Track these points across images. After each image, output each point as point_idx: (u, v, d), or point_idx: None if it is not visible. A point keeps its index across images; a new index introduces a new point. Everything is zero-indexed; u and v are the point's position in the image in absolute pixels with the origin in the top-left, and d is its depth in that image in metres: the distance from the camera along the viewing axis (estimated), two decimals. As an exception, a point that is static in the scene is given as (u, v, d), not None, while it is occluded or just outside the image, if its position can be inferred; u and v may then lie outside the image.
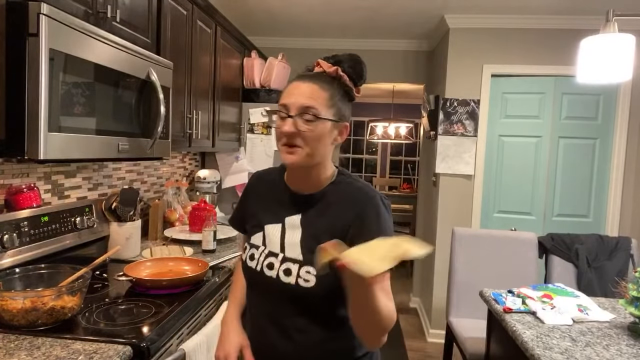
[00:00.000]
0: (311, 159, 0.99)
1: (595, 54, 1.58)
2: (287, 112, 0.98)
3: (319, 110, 0.97)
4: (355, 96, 1.05)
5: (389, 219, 1.00)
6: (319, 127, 0.97)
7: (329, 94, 0.99)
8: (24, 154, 1.14)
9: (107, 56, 1.38)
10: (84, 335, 1.17)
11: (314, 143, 0.98)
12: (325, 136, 0.99)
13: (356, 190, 1.02)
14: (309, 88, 0.98)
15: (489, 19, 3.18)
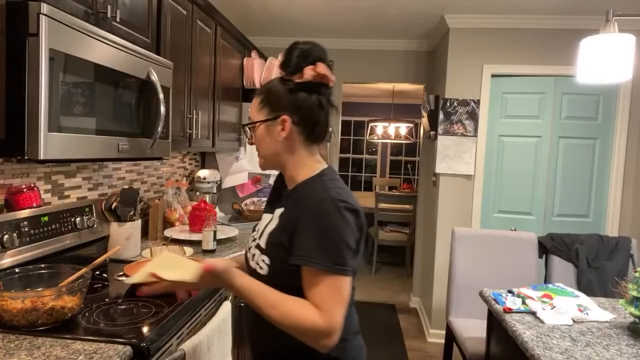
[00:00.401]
0: (266, 162, 1.09)
1: (595, 54, 1.58)
2: None
3: (252, 119, 1.06)
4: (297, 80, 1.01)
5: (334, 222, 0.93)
6: (256, 132, 1.06)
7: (261, 97, 1.06)
8: (24, 154, 1.14)
9: (107, 56, 1.38)
10: (84, 335, 1.17)
11: (260, 147, 1.08)
12: (264, 137, 1.05)
13: (311, 191, 0.99)
14: (252, 103, 1.09)
15: (489, 19, 3.18)
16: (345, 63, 4.09)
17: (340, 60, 4.07)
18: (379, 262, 5.50)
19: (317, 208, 0.94)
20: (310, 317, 0.90)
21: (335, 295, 0.92)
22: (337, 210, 0.93)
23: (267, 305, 0.92)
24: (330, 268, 0.91)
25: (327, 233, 0.92)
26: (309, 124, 1.03)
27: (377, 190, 5.88)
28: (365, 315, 3.87)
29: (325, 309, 0.90)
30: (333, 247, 0.92)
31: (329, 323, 0.89)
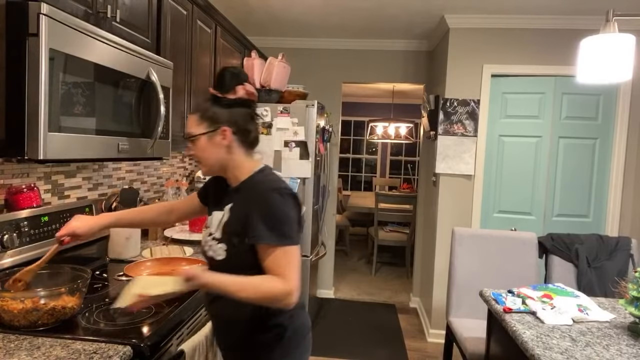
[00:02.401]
0: (211, 168, 1.25)
1: (595, 54, 1.58)
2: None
3: (192, 132, 1.22)
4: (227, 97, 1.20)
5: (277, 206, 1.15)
6: (197, 144, 1.22)
7: (198, 114, 1.22)
8: (24, 154, 1.14)
9: (107, 56, 1.38)
10: (84, 335, 1.17)
11: (201, 157, 1.23)
12: (206, 148, 1.21)
13: (255, 185, 1.21)
14: (189, 118, 1.24)
15: (489, 19, 3.18)
16: (345, 63, 4.09)
17: (340, 60, 4.09)
18: (379, 262, 5.50)
19: (263, 197, 1.16)
20: (274, 285, 1.11)
21: (289, 261, 1.13)
22: (280, 195, 1.16)
23: (237, 289, 1.12)
24: (281, 241, 1.13)
25: (274, 214, 1.14)
26: (244, 132, 1.23)
27: (377, 190, 5.88)
28: (365, 315, 3.87)
29: (284, 275, 1.11)
30: (280, 224, 1.13)
31: (289, 284, 1.11)
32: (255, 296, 1.12)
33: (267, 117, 3.15)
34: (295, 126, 3.12)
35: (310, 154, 3.12)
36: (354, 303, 4.19)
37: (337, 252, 5.01)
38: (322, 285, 4.25)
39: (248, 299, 1.12)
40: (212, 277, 1.14)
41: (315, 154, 3.17)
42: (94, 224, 1.35)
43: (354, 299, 4.31)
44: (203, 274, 1.14)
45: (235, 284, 1.12)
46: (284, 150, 3.14)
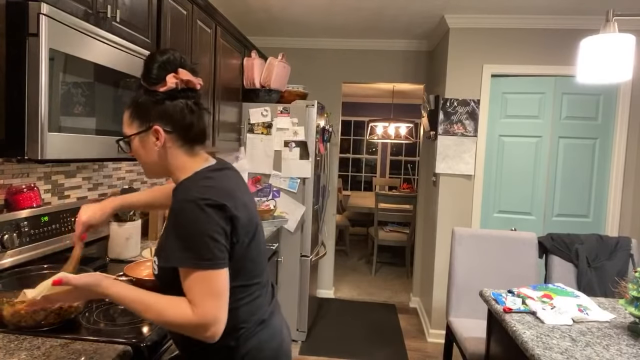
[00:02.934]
0: (153, 172, 1.10)
1: (595, 54, 1.58)
2: None
3: (125, 133, 1.07)
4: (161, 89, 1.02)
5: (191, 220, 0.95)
6: (132, 146, 1.07)
7: (128, 112, 1.06)
8: (24, 154, 1.14)
9: (107, 56, 1.38)
10: (84, 335, 1.17)
11: (141, 158, 1.07)
12: (140, 149, 1.06)
13: (178, 193, 1.02)
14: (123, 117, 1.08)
15: (489, 19, 3.18)
16: (345, 63, 4.09)
17: (340, 60, 4.09)
18: (379, 262, 5.50)
19: (178, 210, 0.97)
20: (182, 314, 0.93)
21: (205, 289, 0.94)
22: (198, 208, 0.95)
23: (142, 309, 0.96)
24: (196, 264, 0.94)
25: (189, 232, 0.95)
26: (182, 129, 1.04)
27: (377, 190, 5.88)
28: (365, 315, 3.87)
29: (196, 303, 0.93)
30: (197, 244, 0.94)
31: (201, 316, 0.93)
32: (161, 321, 0.95)
33: (267, 117, 3.15)
34: (295, 126, 3.12)
35: (310, 154, 3.13)
36: (354, 303, 4.19)
37: (337, 252, 5.01)
38: (322, 285, 4.25)
39: (152, 320, 0.96)
40: (114, 289, 0.97)
41: (315, 154, 3.18)
42: (104, 212, 1.27)
43: (354, 299, 4.31)
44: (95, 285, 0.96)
45: (141, 302, 0.96)
46: (284, 150, 3.14)
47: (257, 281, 1.09)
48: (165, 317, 0.95)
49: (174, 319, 0.94)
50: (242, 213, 1.02)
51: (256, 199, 3.14)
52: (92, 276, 0.98)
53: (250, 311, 1.08)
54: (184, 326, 0.94)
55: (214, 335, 0.95)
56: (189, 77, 1.04)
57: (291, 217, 3.16)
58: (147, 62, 1.03)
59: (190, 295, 0.94)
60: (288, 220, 3.13)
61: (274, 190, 3.18)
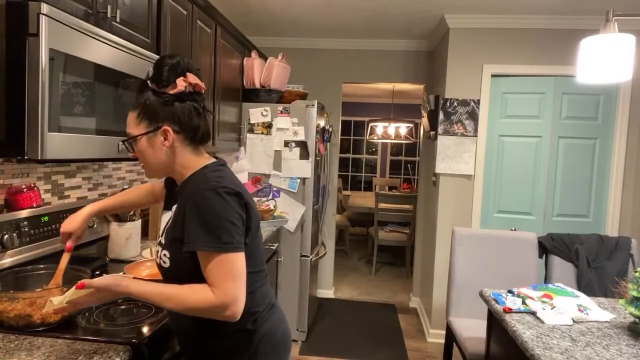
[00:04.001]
0: (155, 171, 1.13)
1: (595, 54, 1.58)
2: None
3: (131, 133, 1.09)
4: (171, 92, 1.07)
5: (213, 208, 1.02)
6: (138, 147, 1.09)
7: (137, 112, 1.09)
8: (24, 154, 1.14)
9: (107, 56, 1.38)
10: (84, 335, 1.17)
11: (144, 158, 1.10)
12: (146, 149, 1.09)
13: (193, 184, 1.08)
14: (128, 117, 1.11)
15: (489, 19, 3.18)
16: (345, 63, 4.09)
17: (340, 60, 4.09)
18: (379, 262, 5.50)
19: (199, 198, 1.02)
20: (203, 298, 0.99)
21: (226, 271, 1.00)
22: (218, 195, 1.02)
23: (163, 299, 1.01)
24: (218, 248, 1.00)
25: (211, 218, 1.01)
26: (189, 130, 1.10)
27: (377, 190, 5.88)
28: (365, 315, 3.87)
29: (217, 285, 0.99)
30: (218, 228, 1.00)
31: (222, 296, 0.99)
32: (183, 308, 1.00)
33: (267, 117, 3.15)
34: (295, 126, 3.12)
35: (310, 154, 3.13)
36: (354, 303, 4.19)
37: (337, 252, 5.01)
38: (322, 285, 4.25)
39: (174, 310, 1.02)
40: (135, 287, 1.02)
41: (315, 154, 3.18)
42: (78, 218, 1.31)
43: (354, 299, 4.31)
44: (115, 286, 1.01)
45: (161, 294, 1.01)
46: (284, 150, 3.14)
47: (263, 268, 1.18)
48: (187, 304, 1.00)
49: (196, 305, 0.99)
50: (250, 204, 1.09)
51: (256, 199, 3.14)
52: (112, 278, 1.03)
53: (262, 295, 1.17)
54: (206, 309, 1.00)
55: (234, 314, 1.00)
56: (196, 81, 1.10)
57: (291, 217, 3.16)
58: (158, 65, 1.07)
59: (211, 277, 1.00)
60: (288, 220, 3.13)
61: (274, 190, 3.18)
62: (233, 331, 1.09)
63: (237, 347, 1.11)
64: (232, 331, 1.09)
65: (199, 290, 1.00)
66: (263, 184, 3.18)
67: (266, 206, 3.02)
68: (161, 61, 1.08)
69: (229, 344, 1.11)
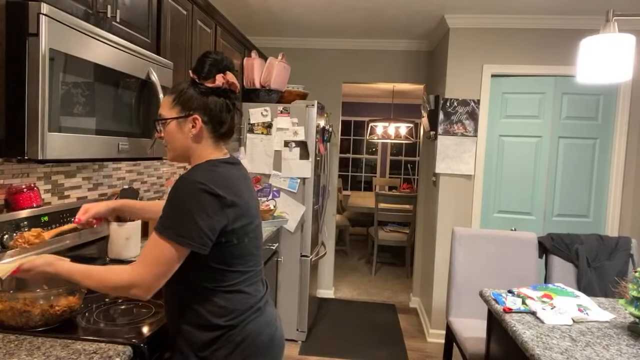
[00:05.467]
0: (177, 155, 1.19)
1: (595, 54, 1.58)
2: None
3: (163, 115, 1.17)
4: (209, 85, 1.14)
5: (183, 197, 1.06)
6: (167, 128, 1.16)
7: (173, 96, 1.16)
8: (24, 154, 1.14)
9: (107, 56, 1.38)
10: (84, 335, 1.17)
11: (168, 142, 1.18)
12: (175, 133, 1.16)
13: (184, 174, 1.12)
14: (163, 100, 1.19)
15: (489, 19, 3.18)
16: (345, 63, 4.09)
17: (340, 60, 4.09)
18: (379, 262, 5.50)
19: (177, 186, 1.08)
20: (117, 276, 1.05)
21: (153, 254, 1.04)
22: (192, 189, 1.06)
23: (84, 277, 1.07)
24: (161, 230, 1.04)
25: (176, 205, 1.06)
26: (216, 123, 1.17)
27: (377, 190, 5.88)
28: (365, 315, 3.87)
29: (137, 264, 1.05)
30: (175, 216, 1.05)
31: (133, 276, 1.03)
32: (100, 285, 1.07)
33: (267, 117, 3.15)
34: (295, 126, 3.12)
35: (310, 154, 3.13)
36: (354, 303, 4.19)
37: (337, 252, 5.01)
38: (322, 285, 4.25)
39: (95, 288, 1.09)
40: (63, 267, 1.09)
41: (315, 154, 3.18)
42: (105, 206, 1.39)
43: (354, 299, 4.31)
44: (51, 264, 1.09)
45: (82, 272, 1.08)
46: (284, 150, 3.14)
47: (254, 269, 1.20)
48: (103, 281, 1.06)
49: (110, 281, 1.05)
50: (239, 205, 1.11)
51: (256, 199, 3.13)
52: (45, 259, 1.10)
53: (246, 296, 1.17)
54: (117, 287, 1.05)
55: (139, 295, 1.04)
56: (233, 80, 1.17)
57: (291, 217, 3.16)
58: (202, 58, 1.15)
59: (139, 256, 1.06)
60: (288, 220, 3.13)
61: (274, 190, 3.18)
62: (213, 325, 1.12)
63: (214, 341, 1.12)
64: (208, 324, 1.12)
65: (117, 270, 1.06)
66: (263, 184, 3.18)
67: (266, 206, 3.02)
68: (206, 55, 1.15)
69: (208, 338, 1.12)
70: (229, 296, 1.12)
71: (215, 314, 1.12)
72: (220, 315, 1.11)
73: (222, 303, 1.12)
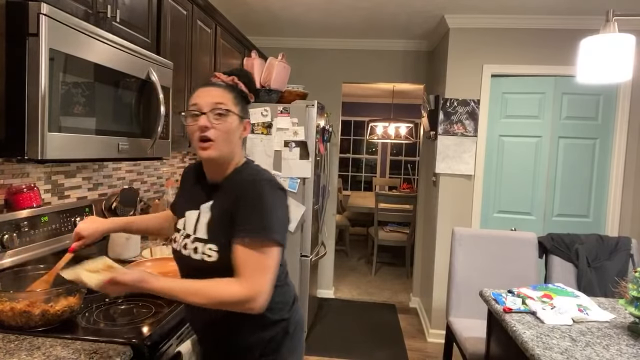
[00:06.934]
0: (223, 151, 1.14)
1: (595, 54, 1.58)
2: (199, 110, 1.12)
3: (230, 107, 1.13)
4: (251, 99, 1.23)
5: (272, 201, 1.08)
6: (228, 120, 1.13)
7: (234, 94, 1.16)
8: (24, 154, 1.14)
9: (107, 56, 1.38)
10: (84, 335, 1.17)
11: (224, 135, 1.12)
12: (233, 129, 1.15)
13: (245, 176, 1.14)
14: (217, 91, 1.15)
15: (489, 19, 3.18)
16: (345, 63, 4.09)
17: (340, 60, 4.09)
18: (379, 262, 5.50)
19: (253, 186, 1.08)
20: (228, 290, 1.02)
21: (261, 262, 1.04)
22: (271, 187, 1.08)
23: (189, 294, 1.03)
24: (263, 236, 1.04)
25: (263, 207, 1.05)
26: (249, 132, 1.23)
27: (377, 190, 5.88)
28: (365, 315, 3.87)
29: (247, 276, 1.02)
30: (268, 219, 1.05)
31: (249, 289, 1.01)
32: (208, 301, 1.02)
33: (267, 117, 3.15)
34: (295, 126, 3.12)
35: (310, 154, 3.13)
36: (354, 303, 4.19)
37: (337, 252, 5.01)
38: (322, 285, 4.25)
39: (201, 304, 1.03)
40: (158, 283, 1.03)
41: (315, 154, 3.18)
42: (100, 226, 1.32)
43: (354, 299, 4.31)
44: (142, 281, 1.02)
45: (187, 288, 1.03)
46: (284, 150, 3.14)
47: (286, 263, 1.28)
48: (212, 297, 1.02)
49: (221, 297, 1.02)
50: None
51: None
52: (140, 274, 1.03)
53: (291, 288, 1.27)
54: (231, 302, 1.02)
55: (258, 308, 1.03)
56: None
57: (291, 217, 3.15)
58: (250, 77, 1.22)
59: (244, 268, 1.03)
60: (288, 220, 3.13)
61: (274, 190, 3.17)
62: (274, 322, 1.16)
63: (275, 338, 1.16)
64: (273, 322, 1.16)
65: (225, 284, 1.03)
66: (263, 184, 3.17)
67: (266, 206, 3.01)
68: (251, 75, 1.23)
69: (270, 335, 1.16)
70: (282, 290, 1.18)
71: (275, 310, 1.16)
72: (279, 310, 1.17)
73: (278, 298, 1.16)
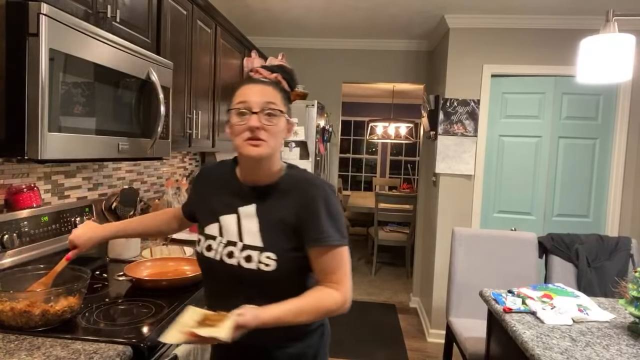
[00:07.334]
0: (272, 151, 1.09)
1: (595, 54, 1.58)
2: (249, 109, 1.07)
3: (278, 105, 1.08)
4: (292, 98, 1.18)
5: (337, 204, 1.11)
6: (280, 121, 1.09)
7: (282, 94, 1.11)
8: (24, 154, 1.14)
9: (107, 56, 1.38)
10: (84, 335, 1.17)
11: (275, 136, 1.08)
12: (282, 130, 1.11)
13: (304, 180, 1.12)
14: (266, 89, 1.09)
15: (489, 19, 3.18)
16: (345, 63, 4.09)
17: (340, 60, 4.09)
18: (379, 262, 5.50)
19: (320, 193, 1.08)
20: (332, 300, 1.05)
21: (347, 266, 1.11)
22: (332, 192, 1.10)
23: (297, 315, 1.02)
24: (343, 242, 1.09)
25: (335, 213, 1.08)
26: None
27: (377, 190, 5.88)
28: (365, 315, 3.87)
29: (339, 282, 1.07)
30: (340, 223, 1.09)
31: (345, 293, 1.07)
32: (317, 316, 1.06)
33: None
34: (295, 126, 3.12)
35: (310, 154, 3.13)
36: (354, 303, 4.14)
37: (337, 252, 5.00)
38: (322, 285, 4.24)
39: (309, 321, 1.07)
40: (266, 316, 0.98)
41: (315, 154, 3.18)
42: (93, 234, 1.30)
43: (354, 299, 4.28)
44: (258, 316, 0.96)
45: (292, 312, 1.01)
46: (284, 150, 3.14)
47: None
48: (320, 311, 1.05)
49: (327, 308, 1.05)
50: None
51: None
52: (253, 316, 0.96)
53: None
54: (334, 310, 1.06)
55: (346, 310, 1.08)
56: None
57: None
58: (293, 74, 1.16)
59: (334, 274, 1.07)
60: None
61: (274, 190, 3.17)
62: (316, 327, 1.17)
63: (317, 343, 1.18)
64: (315, 327, 1.17)
65: (326, 295, 1.06)
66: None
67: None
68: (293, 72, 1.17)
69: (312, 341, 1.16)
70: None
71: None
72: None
73: None
